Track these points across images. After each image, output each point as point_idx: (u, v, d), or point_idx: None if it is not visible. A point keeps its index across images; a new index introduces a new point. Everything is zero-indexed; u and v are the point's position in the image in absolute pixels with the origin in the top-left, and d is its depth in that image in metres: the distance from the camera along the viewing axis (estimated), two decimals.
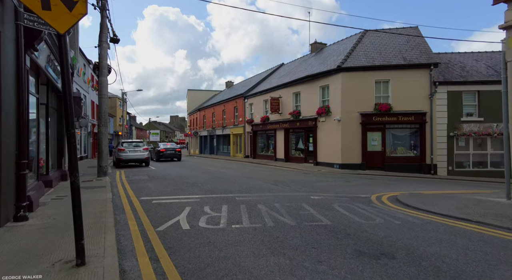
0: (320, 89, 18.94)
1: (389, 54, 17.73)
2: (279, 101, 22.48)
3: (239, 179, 11.34)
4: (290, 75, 22.98)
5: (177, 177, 12.38)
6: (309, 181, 11.02)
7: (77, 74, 23.17)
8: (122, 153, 17.88)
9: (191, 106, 49.20)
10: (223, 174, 13.50)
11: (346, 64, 17.37)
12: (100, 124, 11.92)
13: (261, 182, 10.59)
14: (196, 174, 13.31)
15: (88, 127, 27.78)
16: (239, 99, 29.69)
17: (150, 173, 14.36)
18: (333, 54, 20.50)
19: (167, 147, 24.06)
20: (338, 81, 17.44)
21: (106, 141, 12.20)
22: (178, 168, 16.93)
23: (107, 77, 12.16)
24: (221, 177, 12.23)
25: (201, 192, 8.28)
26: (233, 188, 8.95)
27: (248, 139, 28.19)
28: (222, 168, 16.86)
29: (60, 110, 10.21)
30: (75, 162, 3.11)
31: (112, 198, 7.31)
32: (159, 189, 8.97)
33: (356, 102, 17.04)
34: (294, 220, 5.20)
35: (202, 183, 10.31)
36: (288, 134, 22.16)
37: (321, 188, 9.36)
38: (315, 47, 25.06)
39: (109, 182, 10.53)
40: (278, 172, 15.30)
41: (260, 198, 7.34)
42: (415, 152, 16.98)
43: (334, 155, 17.61)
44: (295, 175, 13.47)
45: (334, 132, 17.65)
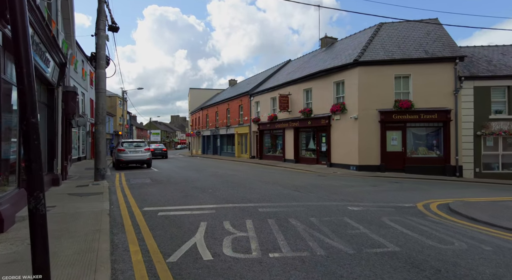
0: (334, 85, 17.68)
1: (409, 47, 16.47)
2: (288, 99, 21.23)
3: (253, 184, 10.09)
4: (300, 71, 21.72)
5: (183, 180, 11.13)
6: (333, 186, 9.77)
7: (75, 71, 21.94)
8: (122, 154, 16.64)
9: (193, 105, 47.97)
10: (234, 177, 12.25)
11: (363, 57, 16.11)
12: (98, 121, 10.67)
13: (280, 187, 9.34)
14: (204, 177, 12.07)
15: (87, 126, 26.56)
16: (244, 97, 28.44)
17: (152, 175, 13.12)
18: (347, 48, 19.24)
19: (156, 147, 30.07)
20: (355, 76, 16.18)
21: (104, 141, 10.96)
22: (182, 170, 15.68)
23: (105, 69, 10.91)
24: (232, 181, 10.99)
25: (215, 201, 7.04)
26: (251, 196, 7.70)
27: (254, 139, 26.93)
28: (230, 170, 15.61)
29: (52, 106, 8.98)
30: (36, 172, 1.87)
31: (109, 209, 6.06)
32: (165, 196, 7.73)
33: (374, 98, 15.79)
34: (348, 244, 3.95)
35: (212, 188, 9.06)
36: (298, 134, 20.90)
37: (351, 195, 8.11)
38: (326, 42, 23.79)
39: (107, 187, 9.29)
40: (292, 174, 14.05)
41: (288, 209, 6.09)
42: (438, 152, 15.72)
43: (350, 156, 16.36)
44: (313, 179, 12.22)
45: (350, 131, 16.40)
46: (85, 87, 26.24)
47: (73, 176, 12.88)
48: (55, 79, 8.72)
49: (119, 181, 11.36)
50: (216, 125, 35.22)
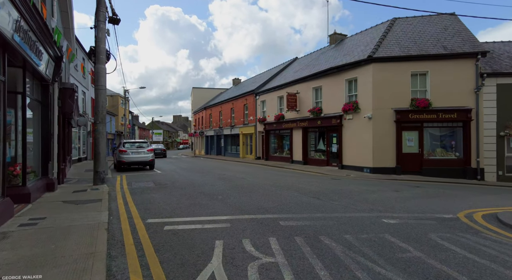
0: (346, 82, 16.83)
1: (425, 42, 15.58)
2: (296, 97, 20.38)
3: (266, 189, 9.26)
4: (309, 69, 20.87)
5: (189, 184, 10.32)
6: (353, 192, 8.93)
7: (75, 68, 21.20)
8: (123, 155, 15.85)
9: (196, 104, 47.20)
10: (243, 181, 11.43)
11: (378, 54, 15.25)
12: (97, 120, 9.88)
13: (296, 193, 8.50)
14: (211, 181, 11.25)
15: (88, 126, 25.83)
16: (249, 96, 27.61)
17: (156, 178, 12.32)
18: (359, 44, 18.37)
19: (156, 147, 33.76)
20: (369, 73, 15.32)
21: (104, 141, 10.18)
22: (187, 173, 14.88)
23: (105, 64, 10.12)
24: (242, 185, 10.16)
25: (227, 210, 6.22)
26: (267, 204, 6.88)
27: (259, 139, 26.11)
28: (238, 173, 14.79)
29: (46, 103, 8.19)
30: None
31: (108, 221, 5.26)
32: (171, 204, 6.92)
33: (389, 97, 14.93)
34: (408, 276, 3.11)
35: (222, 194, 8.25)
36: (307, 134, 20.05)
37: (378, 203, 7.27)
38: (335, 39, 22.91)
39: (106, 192, 8.49)
40: (304, 177, 13.21)
41: (314, 223, 5.26)
42: (457, 154, 14.83)
43: (364, 157, 15.50)
44: (327, 183, 11.38)
45: (364, 131, 15.54)
46: (86, 85, 25.52)
47: (71, 179, 12.11)
48: (50, 74, 7.94)
49: (120, 185, 10.57)
50: (220, 125, 34.42)
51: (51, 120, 8.41)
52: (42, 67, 7.10)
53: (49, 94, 8.21)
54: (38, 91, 7.90)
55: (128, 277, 3.10)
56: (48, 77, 7.83)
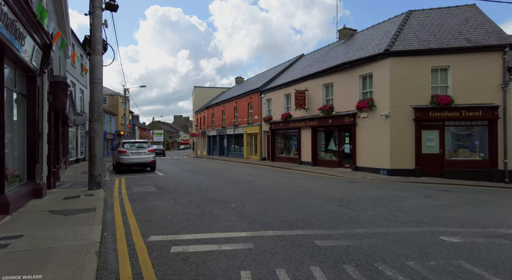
0: (360, 78, 15.77)
1: (446, 35, 14.52)
2: (305, 95, 19.33)
3: (282, 195, 8.21)
4: (318, 65, 19.81)
5: (195, 189, 9.27)
6: (383, 199, 7.88)
7: (72, 65, 20.16)
8: (123, 156, 14.81)
9: (197, 104, 46.17)
10: (253, 184, 10.38)
11: (395, 47, 14.20)
12: (92, 118, 8.82)
13: (318, 200, 7.45)
14: (219, 185, 10.20)
15: (86, 126, 24.78)
16: (254, 94, 26.56)
17: (158, 182, 11.28)
18: (373, 38, 17.32)
19: (157, 147, 38.82)
20: (385, 68, 14.27)
21: (101, 141, 9.13)
22: (191, 175, 13.82)
23: (101, 55, 9.08)
24: (254, 190, 9.11)
25: (246, 223, 5.17)
26: (290, 215, 5.83)
27: (265, 139, 25.05)
28: (245, 175, 13.74)
29: (33, 98, 7.15)
30: None
31: (101, 239, 4.22)
32: (177, 215, 5.87)
33: (408, 93, 13.88)
34: None
35: (235, 201, 7.20)
36: (316, 133, 19.00)
37: (418, 212, 6.22)
38: (344, 34, 21.86)
39: (102, 199, 7.44)
40: (318, 181, 12.15)
41: (358, 242, 4.21)
42: (482, 155, 13.76)
43: (380, 158, 14.45)
44: (347, 187, 10.32)
45: (380, 131, 14.49)
46: (84, 83, 24.49)
47: (65, 182, 11.07)
48: (37, 63, 6.90)
49: (119, 189, 9.52)
50: (223, 125, 33.37)
51: (38, 117, 7.37)
52: (26, 54, 6.06)
53: (36, 87, 7.17)
54: (22, 83, 6.86)
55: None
56: (34, 67, 6.79)
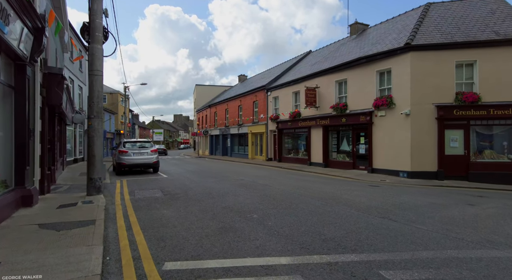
0: (377, 75, 14.79)
1: (471, 28, 13.56)
2: (315, 92, 18.35)
3: (308, 203, 7.23)
4: (330, 61, 18.83)
5: (206, 194, 8.28)
6: (422, 207, 6.91)
7: (70, 60, 19.14)
8: (124, 156, 13.81)
9: (199, 102, 45.16)
10: (270, 189, 9.40)
11: (416, 41, 13.23)
12: (91, 114, 7.82)
13: (353, 210, 6.48)
14: (231, 189, 9.21)
15: (85, 124, 23.76)
16: (259, 92, 25.57)
17: (163, 185, 10.28)
18: (389, 32, 16.35)
19: (159, 147, 38.46)
20: (406, 63, 13.30)
21: (101, 141, 8.14)
22: (198, 177, 12.82)
23: (102, 44, 8.09)
24: (274, 196, 8.13)
25: (280, 243, 4.19)
26: (329, 231, 4.85)
27: (271, 138, 24.06)
28: (257, 177, 12.76)
29: (23, 91, 6.15)
30: None
31: (102, 270, 3.24)
32: (192, 229, 4.89)
33: (430, 90, 12.92)
34: None
35: (256, 211, 6.21)
36: (328, 133, 18.02)
37: (478, 226, 5.25)
38: (356, 29, 20.88)
39: (102, 208, 6.45)
40: (338, 184, 11.18)
41: (439, 275, 3.24)
42: (510, 156, 12.80)
43: (399, 159, 13.49)
44: (373, 192, 9.35)
45: (400, 130, 13.53)
46: (83, 80, 23.47)
47: (61, 185, 10.07)
48: (26, 50, 5.90)
49: (121, 194, 8.53)
50: (226, 124, 32.37)
51: (29, 112, 6.37)
52: (12, 38, 5.07)
53: (26, 78, 6.17)
54: (9, 73, 5.86)
55: None
56: (24, 54, 5.79)
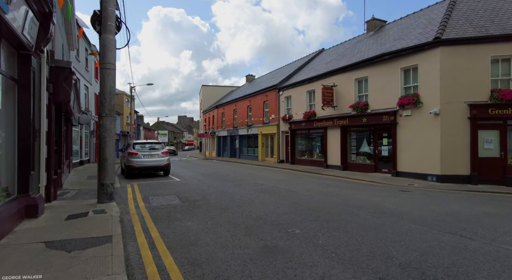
0: (402, 72, 13.89)
1: (507, 20, 12.58)
2: (332, 91, 17.47)
3: (351, 214, 6.35)
4: (348, 58, 17.94)
5: (229, 201, 7.42)
6: (480, 218, 6.00)
7: (77, 58, 18.44)
8: (134, 159, 13.01)
9: (205, 103, 44.41)
10: (296, 195, 8.53)
11: (447, 35, 12.32)
12: (103, 112, 7.01)
13: (408, 222, 5.59)
14: (254, 195, 8.35)
15: (91, 125, 23.07)
16: (270, 92, 24.72)
17: (178, 190, 9.45)
18: (413, 27, 15.44)
19: (169, 147, 37.21)
20: (435, 59, 12.39)
21: (113, 142, 7.33)
22: (213, 181, 11.96)
23: (114, 34, 7.29)
24: (305, 204, 7.26)
25: (347, 271, 3.33)
26: (400, 253, 3.98)
27: (283, 140, 23.19)
28: (276, 181, 11.89)
29: (27, 84, 5.36)
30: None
31: None
32: (228, 248, 4.03)
33: (462, 88, 11.99)
34: None
35: (293, 223, 5.35)
36: (346, 134, 17.11)
37: None
38: (374, 25, 19.98)
39: (117, 218, 5.62)
40: (367, 190, 10.29)
41: None
42: None
43: (427, 162, 12.56)
44: (410, 198, 8.44)
45: (428, 131, 12.61)
46: (89, 79, 22.78)
47: (68, 190, 9.28)
48: (32, 38, 5.10)
49: (134, 201, 7.71)
50: (235, 125, 31.54)
51: (34, 110, 5.57)
52: (15, 21, 4.27)
53: (30, 70, 5.37)
54: (12, 64, 5.06)
55: None
56: (28, 42, 5.00)
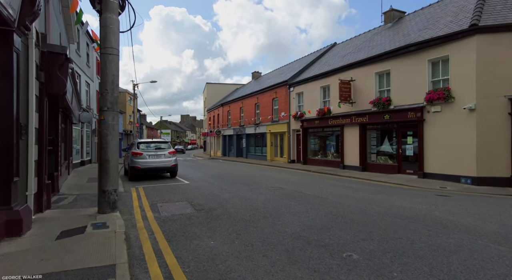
0: (429, 64, 12.69)
1: None
2: (350, 86, 16.30)
3: (406, 229, 5.22)
4: (366, 50, 16.74)
5: (251, 210, 6.30)
6: None
7: (77, 53, 17.37)
8: (139, 159, 11.92)
9: (210, 101, 43.30)
10: (329, 203, 7.40)
11: (485, 21, 11.12)
12: (104, 105, 5.89)
13: (483, 240, 4.45)
14: (279, 202, 7.22)
15: (93, 123, 22.02)
16: (280, 88, 23.55)
17: (189, 195, 8.34)
18: (441, 16, 14.22)
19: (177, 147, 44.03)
20: (470, 48, 11.19)
21: (116, 140, 6.21)
22: (225, 184, 10.84)
23: (118, 14, 6.16)
24: (346, 215, 6.12)
25: None
26: None
27: (294, 139, 22.04)
28: (292, 184, 10.76)
29: (8, 68, 4.26)
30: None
31: None
32: None
33: (502, 81, 10.79)
34: None
35: (347, 245, 4.22)
36: (365, 132, 15.93)
37: None
38: (391, 16, 18.77)
39: (122, 235, 4.51)
40: (404, 195, 9.13)
41: None
42: None
43: (460, 163, 11.39)
44: (457, 205, 7.28)
45: (461, 128, 11.42)
46: (91, 76, 21.73)
47: (66, 195, 8.19)
48: (12, 9, 3.99)
49: (141, 210, 6.60)
50: (241, 123, 30.41)
51: (18, 101, 4.46)
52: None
53: (12, 51, 4.26)
54: None
55: None
56: (9, 16, 3.89)
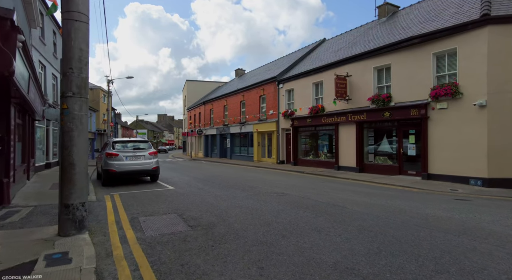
0: (434, 58, 11.89)
1: None
2: (346, 82, 15.32)
3: (468, 249, 4.07)
4: (362, 45, 15.81)
5: (262, 226, 4.95)
6: None
7: (41, 40, 15.20)
8: (114, 161, 10.18)
9: (190, 99, 41.36)
10: (348, 213, 6.18)
11: (496, 11, 10.42)
12: (68, 91, 4.29)
13: None
14: (293, 215, 5.90)
15: None
16: (268, 85, 22.30)
17: (177, 204, 6.84)
18: (444, 7, 13.51)
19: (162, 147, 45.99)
20: (481, 40, 10.44)
21: (85, 137, 4.65)
22: (215, 188, 9.37)
23: None
24: (381, 230, 4.92)
25: None
26: None
27: (283, 138, 20.85)
28: (292, 188, 9.49)
29: None
30: None
31: None
32: None
33: None
34: None
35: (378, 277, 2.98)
36: (363, 131, 14.99)
37: None
38: (386, 10, 18.02)
39: (92, 278, 3.01)
40: (422, 201, 8.11)
41: None
42: None
43: (469, 163, 10.63)
44: (477, 211, 6.30)
45: (470, 126, 10.67)
46: (58, 68, 19.39)
47: (19, 208, 6.42)
48: None
49: (118, 228, 5.05)
50: (225, 122, 28.89)
51: None
52: None
53: None
54: None
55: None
56: None
